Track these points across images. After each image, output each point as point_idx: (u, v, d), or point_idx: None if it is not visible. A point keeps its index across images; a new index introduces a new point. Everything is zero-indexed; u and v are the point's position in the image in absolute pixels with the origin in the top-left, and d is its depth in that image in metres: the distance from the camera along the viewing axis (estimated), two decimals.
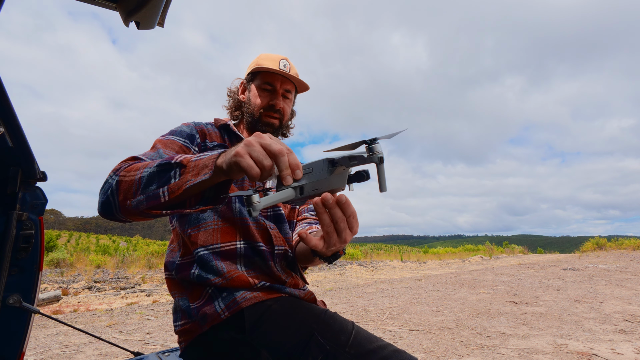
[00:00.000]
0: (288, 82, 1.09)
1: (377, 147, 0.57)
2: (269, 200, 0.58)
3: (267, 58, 1.08)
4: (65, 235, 38.14)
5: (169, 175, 0.64)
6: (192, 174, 0.62)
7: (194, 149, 0.96)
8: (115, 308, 5.04)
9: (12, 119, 0.95)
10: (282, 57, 1.09)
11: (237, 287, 0.87)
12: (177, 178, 0.63)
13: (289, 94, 1.11)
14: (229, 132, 1.09)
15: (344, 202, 0.66)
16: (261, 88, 1.08)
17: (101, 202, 0.72)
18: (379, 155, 0.56)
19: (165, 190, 0.63)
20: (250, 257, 0.92)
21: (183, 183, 0.62)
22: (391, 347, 0.77)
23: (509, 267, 10.36)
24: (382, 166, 0.58)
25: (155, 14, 0.83)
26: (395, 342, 3.05)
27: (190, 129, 1.00)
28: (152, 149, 0.89)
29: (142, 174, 0.66)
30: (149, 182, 0.65)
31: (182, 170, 0.63)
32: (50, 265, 10.32)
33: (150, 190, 0.65)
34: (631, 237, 16.15)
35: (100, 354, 2.88)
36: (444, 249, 23.41)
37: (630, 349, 2.69)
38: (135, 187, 0.66)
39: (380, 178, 0.58)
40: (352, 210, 0.68)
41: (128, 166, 0.72)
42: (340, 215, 0.66)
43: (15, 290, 1.07)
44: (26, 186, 1.11)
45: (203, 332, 0.84)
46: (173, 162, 0.65)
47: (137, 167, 0.69)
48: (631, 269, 7.89)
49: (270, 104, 1.07)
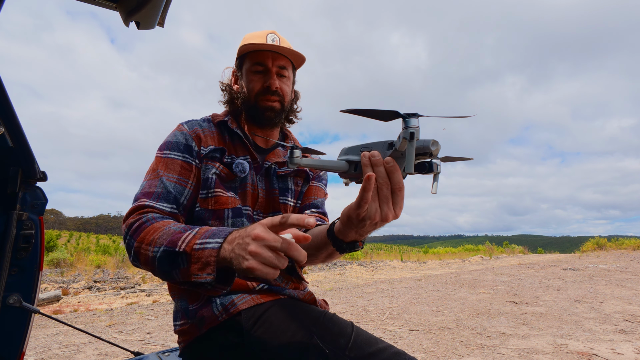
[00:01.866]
0: (281, 58, 0.98)
1: (412, 122, 0.50)
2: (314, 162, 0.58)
3: (252, 36, 0.98)
4: (66, 235, 38.15)
5: (177, 263, 0.67)
6: (197, 267, 0.64)
7: (194, 161, 0.93)
8: (116, 308, 5.04)
9: (12, 119, 0.95)
10: (269, 31, 0.98)
11: (236, 290, 0.86)
12: (185, 265, 0.66)
13: (284, 71, 1.00)
14: (229, 129, 1.02)
15: (391, 164, 0.57)
16: (252, 71, 0.98)
17: (130, 259, 0.79)
18: (410, 131, 0.50)
19: (177, 273, 0.68)
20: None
21: (191, 275, 0.65)
22: (391, 349, 0.76)
23: (509, 267, 10.35)
24: (412, 143, 0.50)
25: (155, 14, 0.83)
26: (395, 342, 3.05)
27: (185, 138, 0.94)
28: (154, 174, 0.89)
29: (154, 253, 0.71)
30: (162, 264, 0.70)
31: (187, 259, 0.65)
32: (50, 265, 10.32)
33: (165, 271, 0.70)
34: (631, 237, 16.14)
35: (100, 353, 2.88)
36: (444, 249, 23.40)
37: (630, 349, 2.69)
38: (151, 264, 0.72)
39: (408, 157, 0.50)
40: (399, 179, 0.57)
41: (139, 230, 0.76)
42: (385, 178, 0.57)
43: (15, 290, 1.07)
44: (26, 186, 1.11)
45: (201, 334, 0.84)
46: (177, 250, 0.67)
47: (148, 239, 0.73)
48: (631, 269, 7.88)
49: (265, 87, 0.97)
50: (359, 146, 0.65)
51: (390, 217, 0.60)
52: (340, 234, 0.71)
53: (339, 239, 0.72)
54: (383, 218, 0.60)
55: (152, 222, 0.76)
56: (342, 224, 0.68)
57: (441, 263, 13.94)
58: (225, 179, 0.94)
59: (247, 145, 1.00)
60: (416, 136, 0.50)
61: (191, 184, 0.91)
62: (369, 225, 0.62)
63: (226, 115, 1.03)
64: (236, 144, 1.00)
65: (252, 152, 1.00)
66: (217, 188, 0.91)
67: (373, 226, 0.63)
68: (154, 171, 0.89)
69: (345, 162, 0.62)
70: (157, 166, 0.90)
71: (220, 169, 0.93)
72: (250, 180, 0.98)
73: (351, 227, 0.65)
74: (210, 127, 0.99)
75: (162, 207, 0.84)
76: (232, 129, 1.00)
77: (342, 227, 0.68)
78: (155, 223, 0.76)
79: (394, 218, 0.60)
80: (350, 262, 12.74)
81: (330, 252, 0.80)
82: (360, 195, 0.58)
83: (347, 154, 0.67)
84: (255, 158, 1.00)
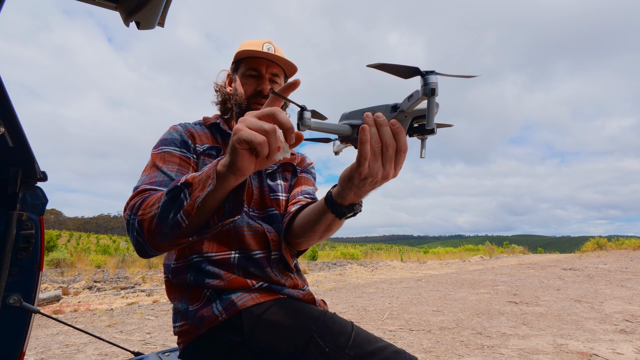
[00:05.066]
0: (274, 66, 1.04)
1: (431, 78, 0.50)
2: (321, 125, 0.57)
3: (249, 44, 1.03)
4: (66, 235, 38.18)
5: (181, 199, 0.63)
6: (199, 189, 0.60)
7: (192, 156, 0.94)
8: (116, 308, 5.04)
9: (13, 119, 0.95)
10: (266, 40, 1.04)
11: (235, 288, 0.86)
12: (188, 198, 0.61)
13: (276, 78, 1.05)
14: (220, 130, 1.04)
15: (396, 126, 0.58)
16: (246, 75, 1.03)
17: (135, 246, 0.72)
18: (431, 87, 0.50)
19: (182, 214, 0.62)
20: (244, 266, 0.91)
21: (194, 201, 0.60)
22: (391, 348, 0.76)
23: (509, 267, 10.35)
24: (432, 99, 0.51)
25: (155, 14, 0.83)
26: (396, 342, 3.05)
27: (180, 135, 0.96)
28: (152, 168, 0.87)
29: (158, 207, 0.66)
30: (166, 212, 0.64)
31: (190, 189, 0.62)
32: (50, 265, 10.32)
33: (170, 219, 0.63)
34: (632, 237, 16.14)
35: (100, 353, 2.88)
36: (444, 249, 23.41)
37: (630, 349, 2.69)
38: (156, 223, 0.66)
39: (429, 113, 0.52)
40: (404, 140, 0.59)
41: (142, 203, 0.71)
42: (391, 138, 0.58)
43: (15, 290, 1.07)
44: (26, 186, 1.11)
45: (201, 334, 0.84)
46: (180, 184, 0.64)
47: (151, 202, 0.69)
48: (631, 269, 7.88)
49: (257, 90, 1.02)
50: (360, 110, 0.63)
51: (391, 175, 0.62)
52: (339, 198, 0.71)
53: (337, 203, 0.72)
54: (384, 176, 0.61)
55: (154, 194, 0.74)
56: (340, 186, 0.69)
57: (441, 263, 13.94)
58: None
59: None
60: (436, 92, 0.51)
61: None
62: (369, 184, 0.63)
63: (217, 118, 1.07)
64: (227, 144, 1.00)
65: None
66: None
67: (372, 185, 0.64)
68: (152, 166, 0.88)
69: (348, 126, 0.61)
70: (154, 161, 0.88)
71: None
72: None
73: (351, 188, 0.66)
74: (202, 129, 1.02)
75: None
76: (223, 130, 1.04)
77: (341, 190, 0.69)
78: (157, 193, 0.73)
79: (393, 177, 0.62)
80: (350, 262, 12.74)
81: (329, 223, 0.79)
82: (359, 151, 0.59)
83: (348, 118, 0.65)
84: None
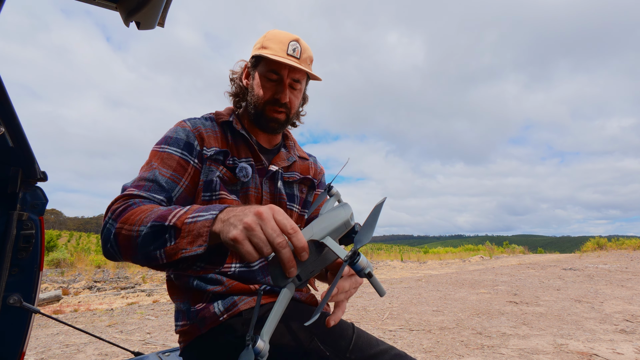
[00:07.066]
0: (297, 71, 0.96)
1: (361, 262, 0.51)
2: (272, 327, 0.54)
3: (274, 39, 0.94)
4: (66, 235, 38.18)
5: (164, 239, 0.60)
6: (187, 240, 0.58)
7: (193, 160, 0.89)
8: (116, 308, 5.04)
9: (13, 119, 0.95)
10: (293, 37, 0.95)
11: (237, 292, 0.86)
12: (172, 242, 0.59)
13: (297, 84, 0.98)
14: (233, 130, 1.00)
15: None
16: (266, 77, 0.96)
17: (104, 249, 0.71)
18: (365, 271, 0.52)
19: (162, 253, 0.60)
20: (245, 277, 0.90)
21: (179, 250, 0.58)
22: (393, 351, 0.76)
23: (509, 267, 10.35)
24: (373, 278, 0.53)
25: (155, 14, 0.83)
26: (396, 342, 3.05)
27: (187, 135, 0.91)
28: (148, 166, 0.85)
29: (137, 232, 0.64)
30: (145, 243, 0.62)
31: (176, 234, 0.59)
32: (50, 265, 10.33)
33: (147, 250, 0.62)
34: (632, 237, 16.13)
35: (100, 353, 2.88)
36: (444, 249, 23.41)
37: (630, 349, 2.69)
38: (133, 246, 0.64)
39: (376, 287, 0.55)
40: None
41: (124, 212, 0.69)
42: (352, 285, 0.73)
43: (15, 290, 1.07)
44: (27, 186, 1.11)
45: (202, 334, 0.84)
46: (166, 224, 0.61)
47: (133, 219, 0.66)
48: (632, 269, 7.88)
49: (275, 98, 0.96)
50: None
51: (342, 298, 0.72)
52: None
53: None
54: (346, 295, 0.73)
55: (139, 205, 0.71)
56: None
57: (441, 263, 13.94)
58: (228, 183, 0.93)
59: (251, 146, 0.98)
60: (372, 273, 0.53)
61: (184, 183, 0.86)
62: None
63: (230, 114, 1.01)
64: (239, 145, 0.98)
65: (258, 154, 0.98)
66: (221, 191, 0.90)
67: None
68: (148, 164, 0.86)
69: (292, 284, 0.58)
70: (152, 159, 0.87)
71: (223, 172, 0.92)
72: (253, 184, 0.96)
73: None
74: (213, 127, 0.97)
75: (152, 197, 0.79)
76: (236, 129, 0.99)
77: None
78: (142, 206, 0.70)
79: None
80: None
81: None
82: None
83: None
84: (260, 160, 0.99)
